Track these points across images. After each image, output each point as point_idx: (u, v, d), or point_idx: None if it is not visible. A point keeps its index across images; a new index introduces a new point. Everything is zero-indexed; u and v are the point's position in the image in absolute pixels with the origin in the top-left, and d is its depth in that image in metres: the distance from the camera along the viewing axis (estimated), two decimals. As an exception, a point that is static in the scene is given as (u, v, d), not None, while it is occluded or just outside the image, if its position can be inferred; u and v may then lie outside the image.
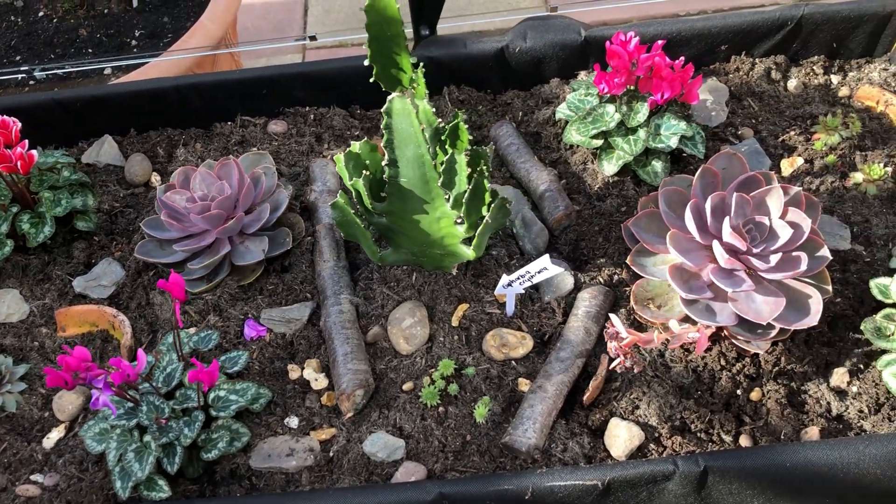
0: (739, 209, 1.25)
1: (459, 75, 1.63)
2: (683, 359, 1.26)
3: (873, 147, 1.50)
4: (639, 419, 1.20)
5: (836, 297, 1.31)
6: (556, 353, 1.26)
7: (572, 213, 1.43)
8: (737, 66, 1.64)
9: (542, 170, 1.47)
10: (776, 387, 1.23)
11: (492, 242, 1.40)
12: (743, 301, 1.22)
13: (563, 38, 1.58)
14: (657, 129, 1.44)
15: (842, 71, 1.65)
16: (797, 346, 1.26)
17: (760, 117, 1.58)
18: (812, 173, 1.48)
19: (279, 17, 3.48)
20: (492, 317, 1.32)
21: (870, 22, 1.58)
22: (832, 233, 1.39)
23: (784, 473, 1.07)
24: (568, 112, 1.50)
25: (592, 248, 1.41)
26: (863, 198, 1.44)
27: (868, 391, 1.21)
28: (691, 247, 1.26)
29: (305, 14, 3.52)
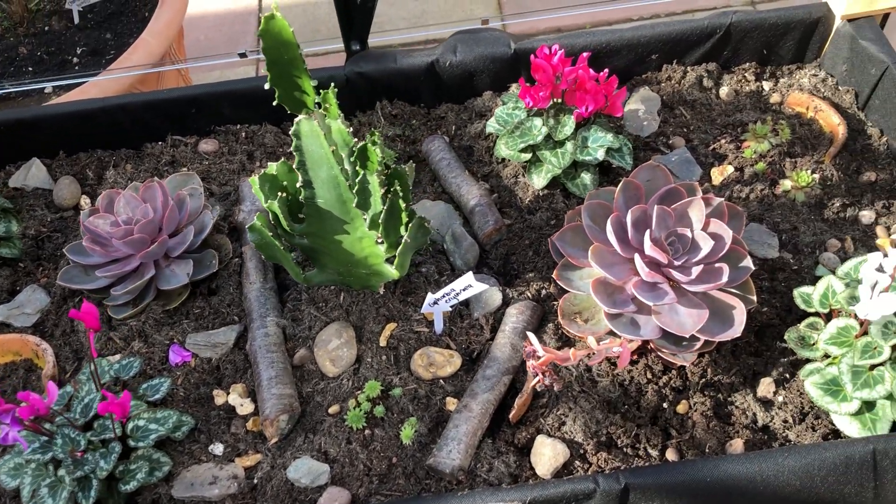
0: (661, 222, 1.25)
1: (392, 90, 1.61)
2: (610, 373, 1.26)
3: (803, 153, 1.51)
4: (565, 436, 1.20)
5: (763, 306, 1.31)
6: (483, 370, 1.25)
7: (502, 228, 1.42)
8: (668, 74, 1.64)
9: (472, 184, 1.47)
10: (703, 399, 1.23)
11: (421, 259, 1.39)
12: (666, 314, 1.22)
13: (493, 52, 1.57)
14: (584, 141, 1.44)
15: (773, 77, 1.66)
16: (724, 357, 1.26)
17: (692, 126, 1.58)
18: (742, 181, 1.48)
19: (233, 29, 3.46)
20: (420, 335, 1.31)
21: (797, 29, 1.59)
22: (760, 241, 1.39)
23: (705, 488, 1.07)
24: (497, 126, 1.49)
25: (523, 262, 1.40)
26: (792, 205, 1.44)
27: (793, 401, 1.22)
28: (614, 260, 1.26)
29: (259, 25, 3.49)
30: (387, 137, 1.58)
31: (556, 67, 1.38)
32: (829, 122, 1.54)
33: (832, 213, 1.43)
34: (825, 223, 1.42)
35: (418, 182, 1.53)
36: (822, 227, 1.41)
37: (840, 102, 1.58)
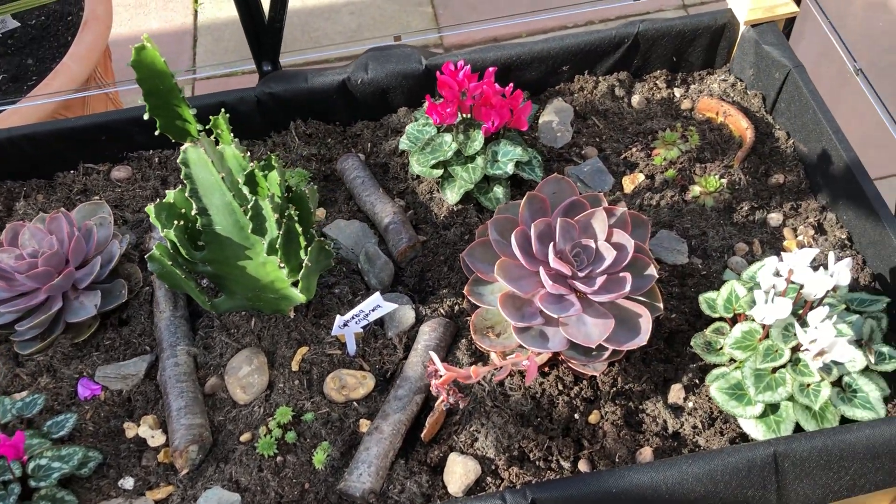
0: (566, 234, 1.26)
1: (305, 109, 1.61)
2: (522, 387, 1.26)
3: (712, 158, 1.53)
4: (477, 452, 1.20)
5: (672, 312, 1.33)
6: (395, 391, 1.25)
7: (417, 245, 1.42)
8: (581, 85, 1.65)
9: (387, 202, 1.46)
10: (613, 408, 1.23)
11: (334, 280, 1.38)
12: (574, 325, 1.23)
13: (405, 68, 1.57)
14: (494, 155, 1.44)
15: (684, 84, 1.68)
16: (634, 366, 1.27)
17: (604, 135, 1.59)
18: (653, 189, 1.50)
19: (168, 50, 3.42)
20: (333, 358, 1.30)
21: (704, 35, 1.61)
22: (670, 248, 1.41)
23: (611, 499, 1.07)
24: (408, 143, 1.49)
25: (438, 278, 1.40)
26: (701, 210, 1.46)
27: (702, 406, 1.23)
28: (520, 274, 1.26)
29: (195, 45, 3.47)
30: (301, 157, 1.58)
31: (462, 83, 1.39)
32: (738, 127, 1.56)
33: (741, 217, 1.45)
34: (734, 227, 1.44)
35: (334, 201, 1.53)
36: (731, 230, 1.43)
37: (749, 106, 1.60)
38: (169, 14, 3.56)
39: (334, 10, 3.51)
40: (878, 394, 1.14)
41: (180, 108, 1.00)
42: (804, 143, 1.50)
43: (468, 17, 3.40)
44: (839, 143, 1.39)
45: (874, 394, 1.14)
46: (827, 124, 1.42)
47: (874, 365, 1.16)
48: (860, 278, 1.35)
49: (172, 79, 0.97)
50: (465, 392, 1.25)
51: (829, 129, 1.41)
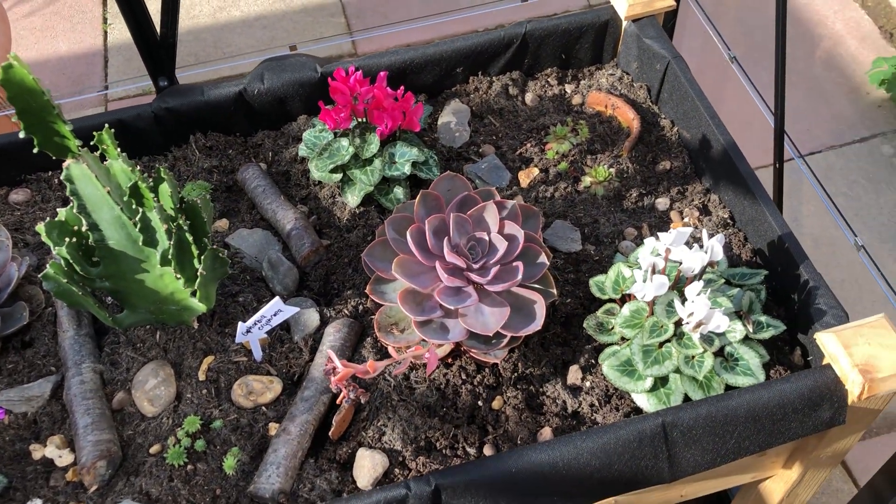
0: (460, 228, 1.30)
1: (204, 122, 1.62)
2: (427, 379, 1.30)
3: (602, 150, 1.60)
4: (385, 446, 1.23)
5: (568, 297, 1.38)
6: (301, 392, 1.27)
7: (321, 249, 1.45)
8: (476, 86, 1.70)
9: (288, 209, 1.48)
10: (515, 392, 1.28)
11: (238, 289, 1.40)
12: (472, 315, 1.27)
13: (301, 77, 1.60)
14: (391, 157, 1.48)
15: (575, 80, 1.74)
16: (533, 351, 1.32)
17: (500, 133, 1.64)
18: (547, 182, 1.55)
19: (78, 71, 3.38)
20: (239, 365, 1.31)
21: (589, 32, 1.68)
22: (565, 236, 1.46)
23: (511, 479, 1.12)
24: (307, 149, 1.52)
25: (342, 280, 1.43)
26: (593, 200, 1.52)
27: (599, 384, 1.28)
28: (419, 270, 1.30)
29: (106, 65, 3.43)
30: (203, 170, 1.59)
31: (353, 88, 1.42)
32: (626, 118, 1.63)
33: (630, 204, 1.52)
34: (624, 213, 1.51)
35: (237, 211, 1.54)
36: (621, 217, 1.50)
37: (636, 98, 1.68)
38: (77, 36, 3.51)
39: (247, 24, 3.51)
40: (757, 360, 1.21)
41: (56, 125, 1.00)
42: (687, 130, 1.58)
43: (378, 22, 3.44)
44: (716, 128, 1.47)
45: (754, 361, 1.21)
46: (704, 111, 1.49)
47: (753, 334, 1.24)
48: (742, 254, 1.43)
49: (43, 96, 0.98)
50: (368, 388, 1.28)
51: (707, 115, 1.49)
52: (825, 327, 1.23)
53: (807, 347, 1.30)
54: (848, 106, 3.10)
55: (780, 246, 1.34)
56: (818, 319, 1.26)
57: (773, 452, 1.31)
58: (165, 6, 1.49)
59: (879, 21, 3.35)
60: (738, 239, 1.45)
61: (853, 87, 3.15)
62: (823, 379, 1.16)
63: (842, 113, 3.09)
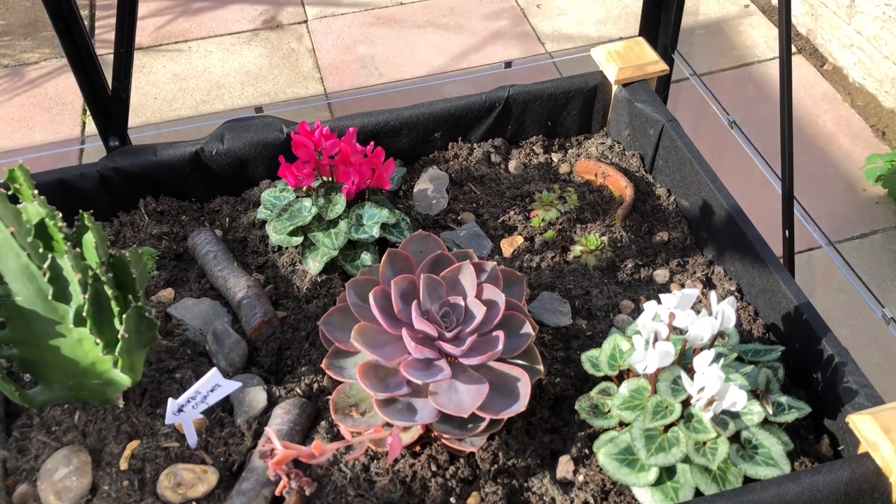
0: (432, 291, 1.13)
1: (156, 185, 1.47)
2: (390, 470, 1.09)
3: (593, 219, 1.45)
4: (336, 550, 1.02)
5: (556, 377, 1.20)
6: (239, 485, 1.07)
7: (274, 320, 1.27)
8: (455, 152, 1.58)
9: (241, 276, 1.32)
10: (495, 487, 1.08)
11: (176, 364, 1.21)
12: (444, 393, 1.08)
13: (265, 137, 1.47)
14: (359, 219, 1.33)
15: (562, 149, 1.62)
16: (516, 438, 1.13)
17: (481, 201, 1.50)
18: (532, 251, 1.40)
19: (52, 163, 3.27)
20: (169, 452, 1.11)
21: (577, 97, 1.57)
22: (552, 309, 1.30)
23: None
24: (266, 211, 1.37)
25: (297, 356, 1.25)
26: (584, 270, 1.37)
27: (594, 478, 1.08)
28: (383, 340, 1.12)
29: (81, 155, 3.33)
30: (151, 236, 1.43)
31: (318, 142, 1.29)
32: (618, 186, 1.50)
33: (625, 275, 1.36)
34: (619, 286, 1.35)
35: (185, 281, 1.38)
36: (616, 289, 1.33)
37: (628, 167, 1.55)
38: (56, 126, 3.43)
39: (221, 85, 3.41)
40: (780, 448, 1.02)
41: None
42: (685, 198, 1.44)
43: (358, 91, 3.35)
44: (718, 192, 1.33)
45: (776, 448, 1.02)
46: (704, 174, 1.36)
47: (773, 416, 1.05)
48: (753, 330, 1.26)
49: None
50: (319, 479, 1.08)
51: (707, 178, 1.35)
52: (858, 409, 1.05)
53: (836, 435, 1.11)
54: (844, 203, 3.01)
55: (797, 318, 1.18)
56: (848, 401, 1.08)
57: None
58: (118, 57, 1.37)
59: (870, 120, 3.31)
60: (748, 314, 1.28)
61: (849, 183, 3.07)
62: (862, 470, 0.97)
63: (837, 209, 2.99)
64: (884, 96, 3.27)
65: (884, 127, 3.28)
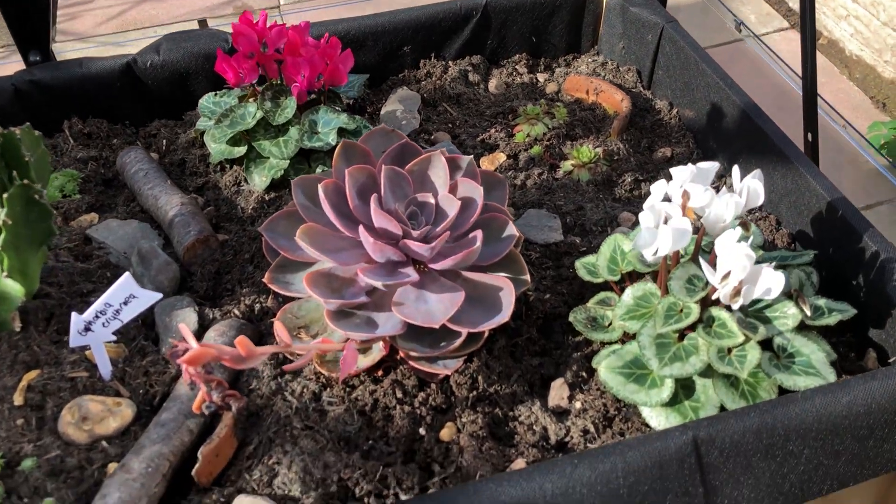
0: (395, 187, 0.94)
1: (83, 104, 1.28)
2: (346, 398, 0.90)
3: (585, 135, 1.27)
4: (276, 491, 0.81)
5: (546, 293, 1.01)
6: (158, 416, 0.87)
7: (211, 240, 1.08)
8: (428, 70, 1.39)
9: (174, 193, 1.13)
10: (473, 416, 0.88)
11: (93, 287, 1.02)
12: (411, 303, 0.89)
13: (208, 48, 1.28)
14: (313, 126, 1.14)
15: (549, 69, 1.44)
16: (499, 360, 0.93)
17: (458, 121, 1.32)
18: (517, 168, 1.22)
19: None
20: (76, 383, 0.91)
21: (563, 8, 1.39)
22: (540, 226, 1.11)
23: (465, 528, 0.71)
24: (206, 121, 1.18)
25: (239, 279, 1.05)
26: (576, 186, 1.18)
27: (594, 404, 0.89)
28: (339, 244, 0.93)
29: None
30: (75, 160, 1.23)
31: (262, 32, 1.10)
32: (612, 101, 1.32)
33: (623, 191, 1.18)
34: (617, 201, 1.16)
35: (112, 207, 1.18)
36: (614, 204, 1.15)
37: (623, 83, 1.37)
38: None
39: None
40: (821, 355, 0.83)
41: None
42: (690, 108, 1.26)
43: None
44: (730, 90, 1.15)
45: (817, 355, 0.83)
46: (713, 72, 1.18)
47: (812, 319, 0.86)
48: (776, 241, 1.08)
49: None
50: (254, 409, 0.88)
51: (716, 76, 1.18)
52: (913, 309, 0.86)
53: (884, 347, 0.92)
54: (847, 175, 2.85)
55: (830, 217, 0.99)
56: (900, 303, 0.89)
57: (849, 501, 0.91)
58: (34, -50, 1.19)
59: (870, 92, 3.17)
60: (769, 224, 1.10)
61: (851, 156, 2.92)
62: (928, 373, 0.78)
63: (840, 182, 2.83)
64: (883, 66, 3.12)
65: (884, 98, 3.14)
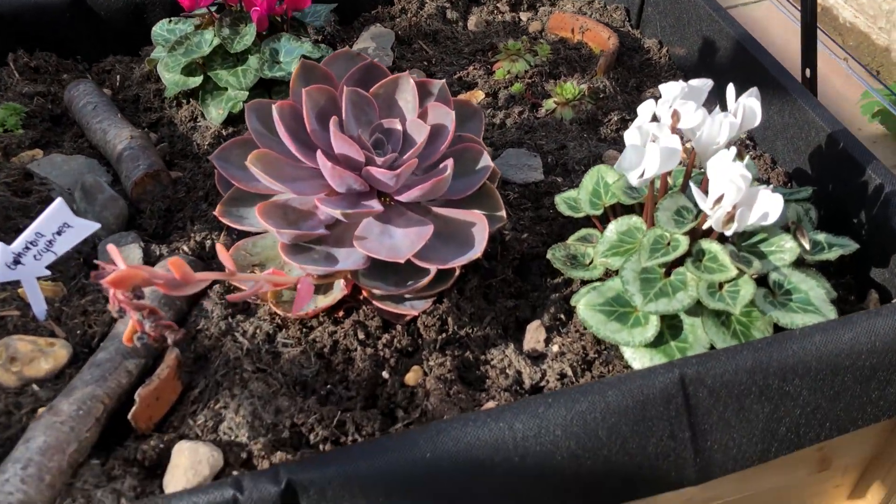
0: (358, 111, 0.86)
1: (30, 35, 1.19)
2: (303, 340, 0.82)
3: (569, 73, 1.19)
4: (221, 437, 0.74)
5: (524, 232, 0.93)
6: (95, 356, 0.79)
7: (163, 175, 0.99)
8: (403, 6, 1.31)
9: (123, 127, 1.04)
10: (442, 359, 0.81)
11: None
12: (375, 238, 0.81)
13: (166, -25, 1.19)
14: (274, 54, 1.06)
15: (532, 9, 1.36)
16: (470, 301, 0.86)
17: (434, 59, 1.24)
18: (496, 106, 1.14)
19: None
20: (6, 323, 0.83)
21: (548, -59, 1.31)
22: (519, 164, 1.03)
23: (426, 472, 0.63)
24: (160, 49, 1.09)
25: (192, 217, 0.97)
26: (559, 125, 1.10)
27: (572, 347, 0.82)
28: (296, 173, 0.85)
29: None
30: (23, 95, 1.14)
31: (219, -50, 1.01)
32: (599, 39, 1.24)
33: (610, 130, 1.10)
34: (602, 141, 1.09)
35: (58, 142, 1.09)
36: (598, 144, 1.07)
37: (610, 22, 1.29)
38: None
39: None
40: (820, 291, 0.76)
41: None
42: (681, 45, 1.18)
43: None
44: (723, 21, 1.08)
45: (816, 291, 0.76)
46: (706, 2, 1.10)
47: (811, 255, 0.79)
48: (771, 179, 1.00)
49: None
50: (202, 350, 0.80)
51: (709, 7, 1.10)
52: (920, 244, 0.80)
53: (887, 287, 0.85)
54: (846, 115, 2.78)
55: (831, 150, 0.92)
56: (905, 238, 0.82)
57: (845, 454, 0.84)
58: None
59: (864, 60, 3.11)
60: (764, 163, 1.03)
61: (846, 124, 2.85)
62: (936, 309, 0.71)
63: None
64: (877, 34, 3.06)
65: (878, 66, 3.08)
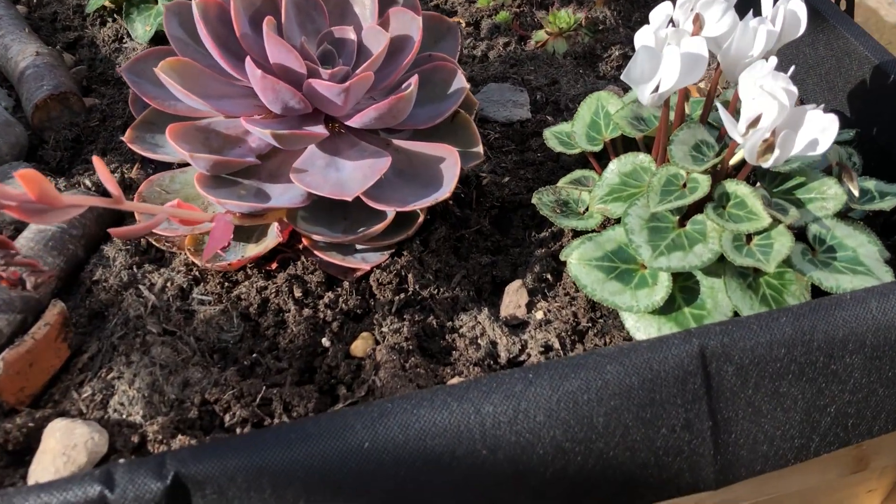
0: (302, 15, 0.70)
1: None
2: (225, 297, 0.66)
3: (564, 3, 1.03)
4: (109, 415, 0.58)
5: (505, 176, 0.77)
6: (-45, 308, 0.62)
7: (72, 99, 0.83)
8: (375, -74, 1.14)
9: (30, 43, 0.87)
10: (398, 325, 0.65)
11: None
12: (319, 171, 0.65)
13: None
14: (214, -39, 0.88)
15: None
16: (437, 255, 0.70)
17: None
18: (478, 38, 0.97)
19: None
20: None
21: None
22: (502, 100, 0.87)
23: (366, 467, 0.47)
24: (78, -44, 0.92)
25: (105, 149, 0.81)
26: (550, 59, 0.94)
27: (560, 314, 0.66)
28: (224, 90, 0.69)
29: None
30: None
31: None
32: (598, -31, 1.07)
33: (610, 67, 0.94)
34: (600, 78, 0.93)
35: (-43, 62, 0.92)
36: (596, 81, 0.91)
37: (611, -47, 1.13)
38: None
39: None
40: (873, 248, 0.61)
41: None
42: (692, -25, 1.02)
43: None
44: (745, -60, 0.91)
45: (867, 248, 0.61)
46: (724, -80, 0.94)
47: (859, 203, 0.64)
48: (800, 125, 0.85)
49: None
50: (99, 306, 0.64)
51: (728, -75, 0.93)
52: None
53: (947, 249, 0.70)
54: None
55: (877, 83, 0.77)
56: (973, 188, 0.67)
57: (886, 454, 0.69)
58: None
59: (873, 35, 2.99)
60: (791, 106, 0.87)
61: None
62: None
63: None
64: (886, 10, 2.92)
65: (886, 43, 2.95)
